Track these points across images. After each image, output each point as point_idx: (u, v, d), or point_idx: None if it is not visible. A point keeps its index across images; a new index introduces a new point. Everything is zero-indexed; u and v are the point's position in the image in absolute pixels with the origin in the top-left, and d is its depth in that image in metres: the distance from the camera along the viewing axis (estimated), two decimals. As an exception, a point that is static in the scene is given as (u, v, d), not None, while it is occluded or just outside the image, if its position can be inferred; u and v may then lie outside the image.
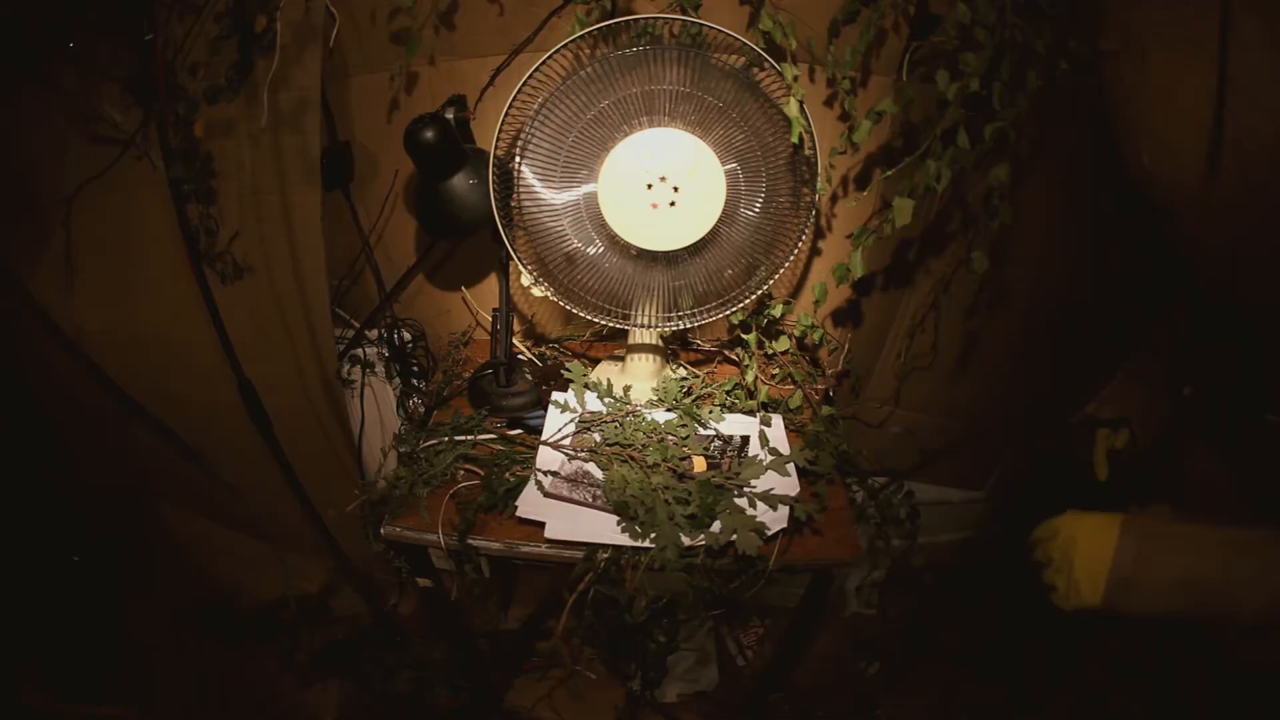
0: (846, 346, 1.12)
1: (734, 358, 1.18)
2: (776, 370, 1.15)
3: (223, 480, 1.29)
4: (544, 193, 0.93)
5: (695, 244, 0.92)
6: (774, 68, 0.89)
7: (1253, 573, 0.69)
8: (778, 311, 1.08)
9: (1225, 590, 0.70)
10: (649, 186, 0.89)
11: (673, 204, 0.89)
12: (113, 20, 0.95)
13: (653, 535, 0.86)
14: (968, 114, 0.88)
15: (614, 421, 1.00)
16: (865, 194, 0.98)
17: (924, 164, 0.88)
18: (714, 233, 0.92)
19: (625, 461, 0.94)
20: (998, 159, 0.89)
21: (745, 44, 0.88)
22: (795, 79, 0.89)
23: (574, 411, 1.02)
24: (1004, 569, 1.36)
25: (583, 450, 0.97)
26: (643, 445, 0.97)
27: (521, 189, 0.93)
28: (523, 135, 0.91)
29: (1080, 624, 0.78)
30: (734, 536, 0.84)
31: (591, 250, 0.94)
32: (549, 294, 0.95)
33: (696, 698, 1.32)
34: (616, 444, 0.97)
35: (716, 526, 0.87)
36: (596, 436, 0.98)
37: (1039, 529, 0.82)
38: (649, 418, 1.01)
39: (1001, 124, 0.87)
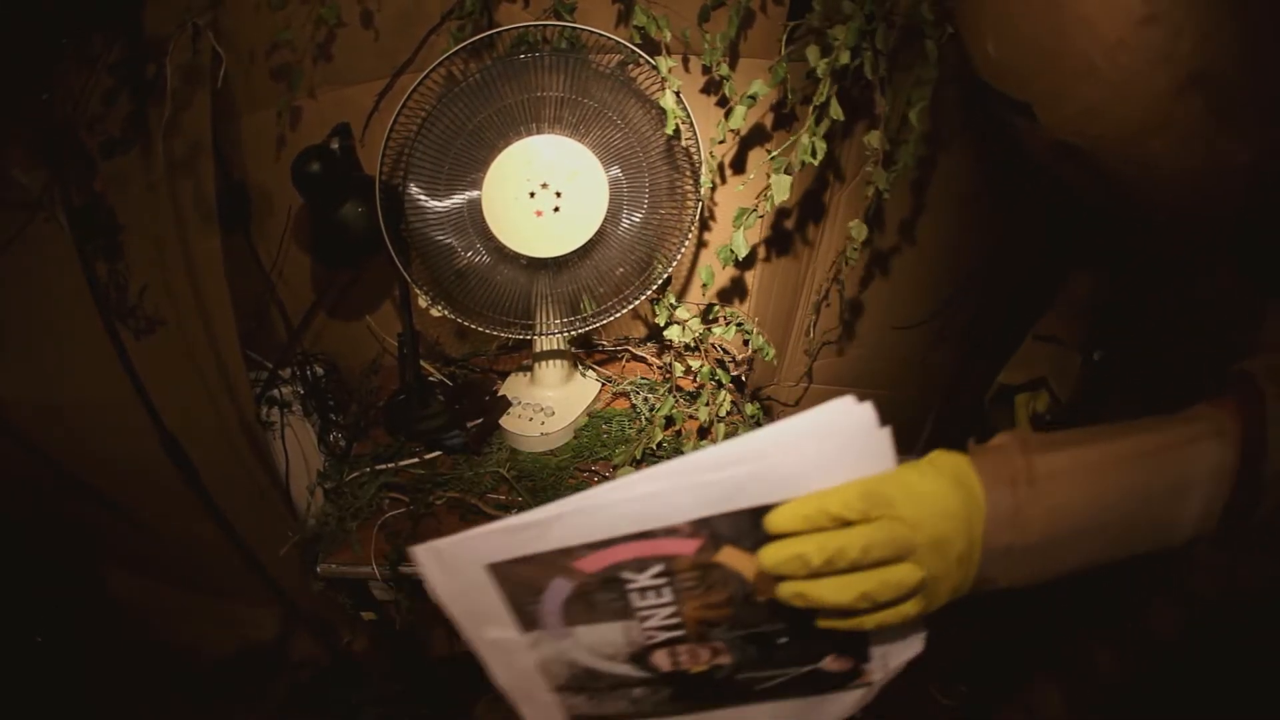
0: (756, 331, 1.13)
1: (641, 354, 1.19)
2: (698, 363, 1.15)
3: (163, 538, 1.27)
4: (430, 211, 0.93)
5: (583, 246, 0.92)
6: (648, 62, 0.90)
7: (1175, 481, 0.49)
8: (686, 314, 1.09)
9: (1149, 514, 0.50)
10: (531, 195, 0.89)
11: (557, 209, 0.89)
12: (12, 80, 0.94)
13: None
14: (839, 87, 0.90)
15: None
16: (751, 176, 0.99)
17: (798, 140, 0.88)
18: (601, 233, 0.92)
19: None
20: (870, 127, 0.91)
21: (618, 42, 0.89)
22: (670, 70, 0.90)
23: None
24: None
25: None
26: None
27: (409, 209, 0.93)
28: (405, 156, 0.91)
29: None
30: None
31: (481, 263, 0.93)
32: (447, 313, 0.95)
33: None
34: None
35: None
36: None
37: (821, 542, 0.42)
38: None
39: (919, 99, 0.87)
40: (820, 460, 0.41)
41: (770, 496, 0.41)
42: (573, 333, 1.00)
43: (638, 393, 1.10)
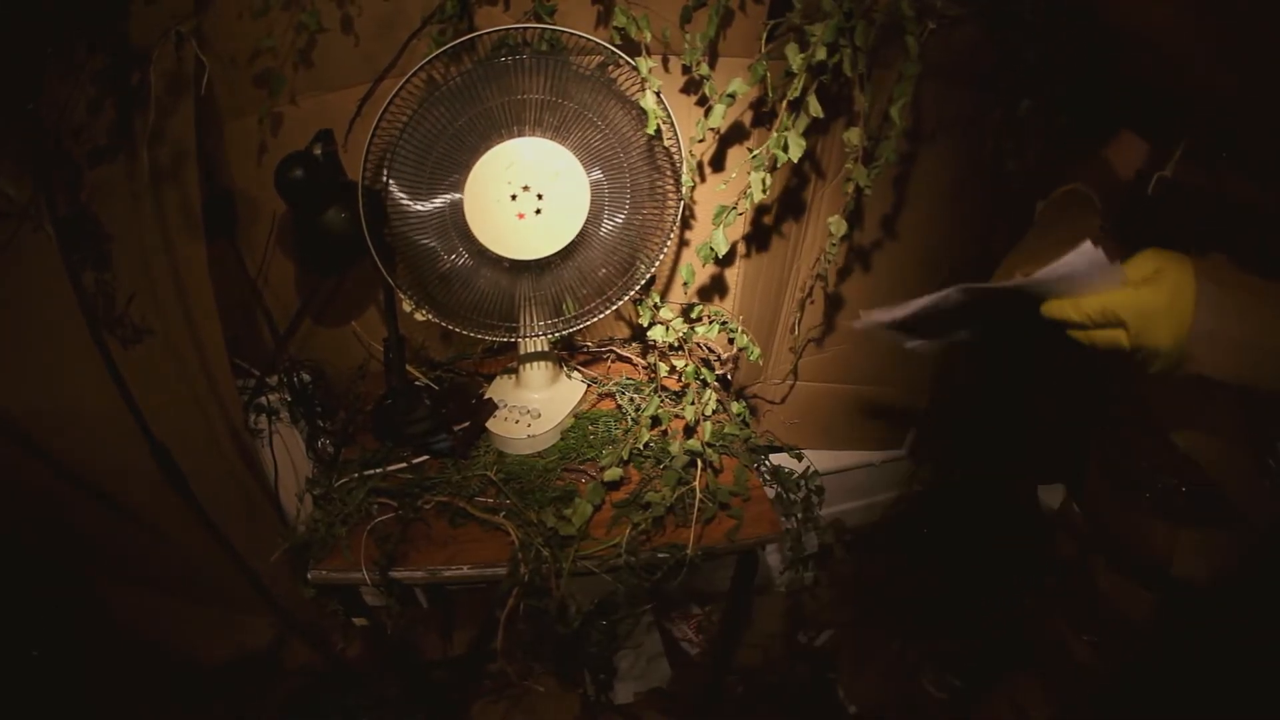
0: (740, 330, 1.13)
1: (626, 355, 1.19)
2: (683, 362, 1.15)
3: (155, 546, 1.27)
4: (412, 215, 0.93)
5: (565, 248, 0.92)
6: (628, 63, 0.90)
7: None
8: (670, 314, 1.09)
9: None
10: (513, 197, 0.89)
11: (538, 211, 0.89)
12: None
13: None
14: (818, 82, 0.90)
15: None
16: (734, 175, 0.99)
17: (771, 136, 0.89)
18: (583, 235, 0.92)
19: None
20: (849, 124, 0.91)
21: (598, 44, 0.89)
22: (650, 70, 0.90)
23: None
24: (941, 522, 1.38)
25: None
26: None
27: (391, 214, 0.93)
28: (387, 162, 0.91)
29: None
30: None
31: (464, 266, 0.93)
32: (431, 317, 0.95)
33: (652, 694, 1.32)
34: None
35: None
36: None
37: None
38: None
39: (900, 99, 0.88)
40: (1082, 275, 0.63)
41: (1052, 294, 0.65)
42: (556, 334, 1.00)
43: (623, 393, 1.09)
